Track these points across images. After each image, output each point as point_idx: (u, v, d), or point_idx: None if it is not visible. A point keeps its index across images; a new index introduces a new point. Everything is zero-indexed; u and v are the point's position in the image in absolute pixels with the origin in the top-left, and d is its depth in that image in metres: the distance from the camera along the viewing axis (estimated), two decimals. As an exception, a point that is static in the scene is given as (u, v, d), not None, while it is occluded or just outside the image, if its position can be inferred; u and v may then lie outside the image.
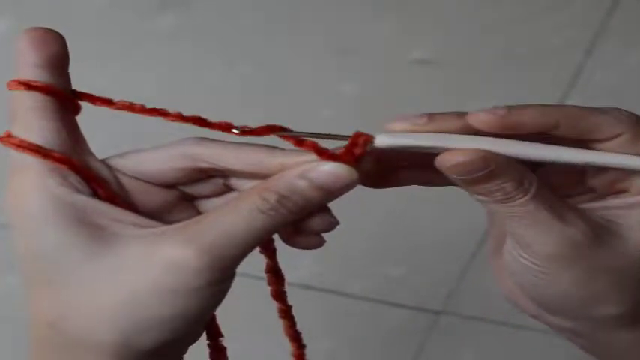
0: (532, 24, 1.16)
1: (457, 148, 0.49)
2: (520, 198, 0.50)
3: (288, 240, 0.52)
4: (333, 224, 0.52)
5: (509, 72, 1.17)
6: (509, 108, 0.49)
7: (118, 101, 0.51)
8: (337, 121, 1.14)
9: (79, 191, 0.48)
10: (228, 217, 0.48)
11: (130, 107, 0.51)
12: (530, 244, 0.51)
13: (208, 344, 0.55)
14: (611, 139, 0.50)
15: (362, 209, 0.99)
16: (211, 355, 0.55)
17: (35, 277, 0.48)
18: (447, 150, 0.49)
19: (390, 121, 0.51)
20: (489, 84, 1.17)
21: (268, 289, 0.56)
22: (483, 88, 1.16)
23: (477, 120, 0.49)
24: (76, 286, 0.47)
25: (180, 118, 0.51)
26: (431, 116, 0.50)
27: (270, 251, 0.55)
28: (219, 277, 0.47)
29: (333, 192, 0.49)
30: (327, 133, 0.51)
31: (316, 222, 0.51)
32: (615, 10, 1.16)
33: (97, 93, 0.52)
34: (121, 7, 1.07)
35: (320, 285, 1.20)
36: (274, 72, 1.12)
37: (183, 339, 0.49)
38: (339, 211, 0.52)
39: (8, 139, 0.49)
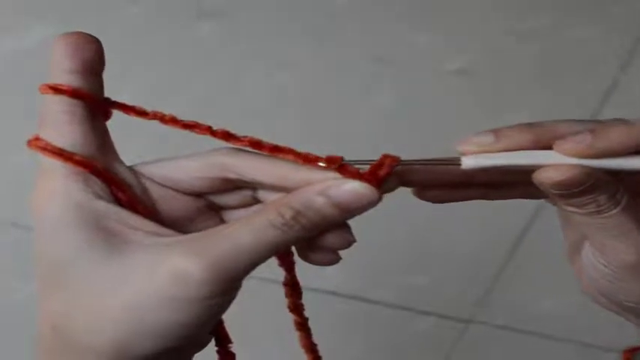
0: (568, 35, 1.16)
1: (553, 164, 0.49)
2: (611, 210, 0.50)
3: (302, 255, 0.52)
4: (349, 242, 0.51)
5: (545, 83, 1.16)
6: (594, 133, 0.48)
7: (151, 112, 0.51)
8: (373, 131, 1.14)
9: (100, 197, 0.49)
10: (239, 230, 0.48)
11: (162, 119, 0.51)
12: (612, 253, 0.52)
13: (217, 351, 0.55)
14: None
15: (392, 218, 1.00)
16: None
17: (46, 279, 0.48)
18: (538, 166, 0.49)
19: (448, 138, 0.51)
20: (525, 95, 1.16)
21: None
22: (519, 99, 1.16)
23: (564, 150, 0.49)
24: (82, 290, 0.47)
25: (210, 132, 0.51)
26: (496, 133, 0.50)
27: (288, 264, 0.54)
28: (223, 289, 0.47)
29: (352, 210, 0.49)
30: (434, 158, 0.51)
31: (332, 239, 0.51)
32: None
33: (132, 101, 0.52)
34: (159, 16, 1.08)
35: (348, 292, 1.20)
36: (311, 82, 1.13)
37: (184, 347, 0.49)
38: (368, 219, 0.52)
39: (35, 142, 0.49)
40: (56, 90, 0.49)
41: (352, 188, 0.49)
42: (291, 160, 0.50)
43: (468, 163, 0.49)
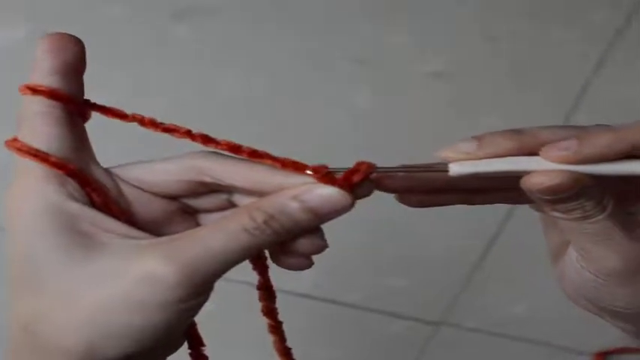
0: (543, 38, 1.17)
1: (541, 170, 0.49)
2: (597, 216, 0.50)
3: (275, 259, 0.52)
4: (321, 247, 0.51)
5: (519, 85, 1.17)
6: (580, 140, 0.49)
7: (130, 114, 0.51)
8: (349, 132, 1.14)
9: (74, 198, 0.49)
10: (211, 233, 0.48)
11: (141, 121, 0.51)
12: (597, 259, 0.52)
13: (190, 353, 0.55)
14: None
15: (364, 220, 1.00)
16: None
17: (18, 279, 0.48)
18: (525, 172, 0.49)
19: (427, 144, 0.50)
20: (500, 97, 1.17)
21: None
22: (494, 101, 1.17)
23: (550, 157, 0.49)
24: (52, 291, 0.47)
25: (189, 135, 0.51)
26: (479, 139, 0.50)
27: (261, 268, 0.54)
28: (193, 293, 0.47)
29: (324, 215, 0.49)
30: (419, 164, 0.51)
31: (304, 244, 0.51)
32: (628, 27, 1.16)
33: (111, 102, 0.52)
34: (136, 16, 1.08)
35: (321, 295, 1.21)
36: (288, 83, 1.13)
37: (155, 350, 0.49)
38: (341, 221, 0.51)
39: (12, 143, 0.49)
40: (35, 91, 0.49)
41: (325, 193, 0.49)
42: (268, 165, 0.50)
43: (456, 170, 0.49)
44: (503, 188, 0.54)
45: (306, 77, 1.12)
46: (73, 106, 0.50)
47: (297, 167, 0.50)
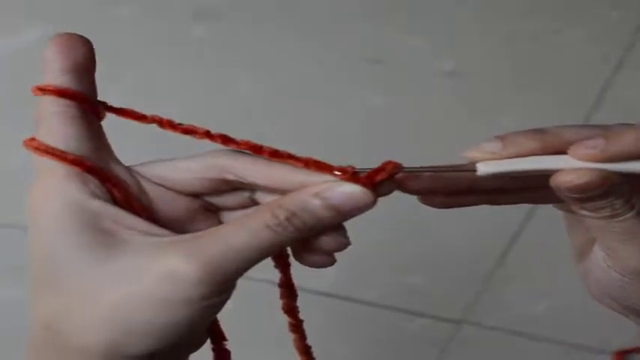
0: (559, 37, 1.16)
1: (569, 168, 0.49)
2: (626, 214, 0.50)
3: (297, 257, 0.52)
4: (344, 245, 0.51)
5: (535, 85, 1.17)
6: (606, 137, 0.49)
7: (150, 116, 0.52)
8: (364, 132, 1.14)
9: (96, 196, 0.49)
10: (234, 231, 0.48)
11: (160, 122, 0.51)
12: (624, 258, 0.52)
13: (212, 348, 0.55)
14: None
15: (384, 218, 1.00)
16: (215, 359, 0.55)
17: (39, 278, 0.48)
18: (554, 171, 0.49)
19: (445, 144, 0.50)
20: (515, 97, 1.17)
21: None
22: (509, 101, 1.17)
23: (579, 155, 0.49)
24: (75, 289, 0.47)
25: (208, 136, 0.51)
26: (503, 139, 0.50)
27: (283, 266, 0.54)
28: (216, 291, 0.47)
29: (346, 213, 0.49)
30: (444, 165, 0.51)
31: (327, 241, 0.51)
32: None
33: (124, 101, 0.52)
34: (153, 16, 1.08)
35: (340, 293, 1.21)
36: (303, 83, 1.13)
37: (178, 347, 0.49)
38: (361, 219, 0.51)
39: (30, 143, 0.50)
40: (46, 91, 0.50)
41: (347, 190, 0.49)
42: (289, 164, 0.50)
43: (484, 169, 0.50)
44: (526, 188, 0.54)
45: (319, 78, 1.13)
46: (88, 105, 0.51)
47: (321, 167, 0.50)
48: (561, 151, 0.50)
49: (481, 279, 1.23)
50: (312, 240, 0.51)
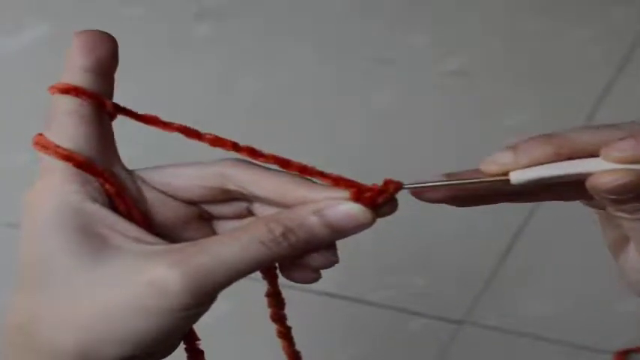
0: (564, 37, 1.16)
1: (606, 170, 0.49)
2: None
3: (282, 271, 0.52)
4: (332, 263, 0.51)
5: (542, 84, 1.17)
6: (636, 137, 0.49)
7: (176, 124, 0.51)
8: (371, 132, 1.14)
9: (94, 199, 0.49)
10: (225, 244, 0.47)
11: (185, 132, 0.51)
12: None
13: (185, 348, 0.54)
14: None
15: (386, 218, 1.00)
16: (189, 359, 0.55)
17: (23, 276, 0.48)
18: (586, 174, 0.49)
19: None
20: (522, 96, 1.17)
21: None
22: (516, 101, 1.17)
23: (612, 158, 0.49)
24: (56, 291, 0.47)
25: (234, 147, 0.51)
26: (515, 149, 0.50)
27: (271, 277, 0.54)
28: (199, 302, 0.47)
29: (343, 232, 0.49)
30: (479, 177, 0.50)
31: (316, 258, 0.50)
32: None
33: (127, 102, 0.52)
34: (156, 16, 1.09)
35: (340, 293, 1.20)
36: (307, 82, 1.13)
37: (150, 354, 0.49)
38: None
39: (38, 139, 0.50)
40: (64, 90, 0.50)
41: (347, 210, 0.49)
42: (294, 176, 0.50)
43: (518, 178, 0.50)
44: (551, 190, 0.53)
45: (325, 77, 1.13)
46: (102, 105, 0.50)
47: (349, 185, 0.49)
48: (577, 156, 0.50)
49: (482, 279, 1.23)
50: (302, 256, 0.50)
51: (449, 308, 1.25)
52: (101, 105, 0.50)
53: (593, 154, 0.50)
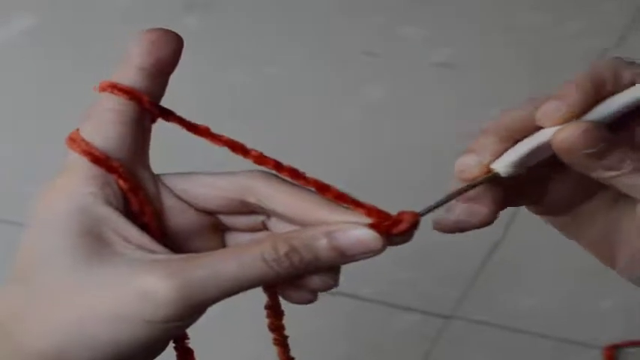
0: (555, 29, 1.17)
1: (554, 132, 0.49)
2: None
3: (281, 291, 0.50)
4: (331, 286, 0.50)
5: (531, 76, 1.17)
6: (558, 97, 0.50)
7: (224, 138, 0.50)
8: (361, 124, 1.14)
9: (108, 202, 0.48)
10: (225, 259, 0.46)
11: (232, 146, 0.50)
12: None
13: (174, 347, 0.53)
14: None
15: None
16: (179, 358, 0.53)
17: (16, 273, 0.48)
18: (548, 144, 0.49)
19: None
20: (510, 88, 1.17)
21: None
22: (504, 92, 1.17)
23: (550, 123, 0.49)
24: (45, 292, 0.46)
25: (277, 167, 0.49)
26: (475, 150, 0.50)
27: (272, 293, 0.52)
28: (186, 314, 0.46)
29: (350, 257, 0.48)
30: (460, 190, 0.51)
31: (315, 280, 0.49)
32: None
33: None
34: (145, 7, 1.08)
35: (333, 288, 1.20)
36: (298, 74, 1.13)
37: (133, 358, 0.47)
38: None
39: (71, 135, 0.49)
40: (114, 88, 0.49)
41: (359, 235, 0.48)
42: (318, 197, 0.49)
43: (500, 167, 0.50)
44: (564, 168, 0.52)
45: (316, 70, 1.12)
46: (147, 108, 0.50)
47: (379, 216, 0.48)
48: (523, 133, 0.50)
49: (470, 274, 1.24)
50: (303, 277, 0.49)
51: (438, 303, 1.25)
52: (143, 106, 0.49)
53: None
